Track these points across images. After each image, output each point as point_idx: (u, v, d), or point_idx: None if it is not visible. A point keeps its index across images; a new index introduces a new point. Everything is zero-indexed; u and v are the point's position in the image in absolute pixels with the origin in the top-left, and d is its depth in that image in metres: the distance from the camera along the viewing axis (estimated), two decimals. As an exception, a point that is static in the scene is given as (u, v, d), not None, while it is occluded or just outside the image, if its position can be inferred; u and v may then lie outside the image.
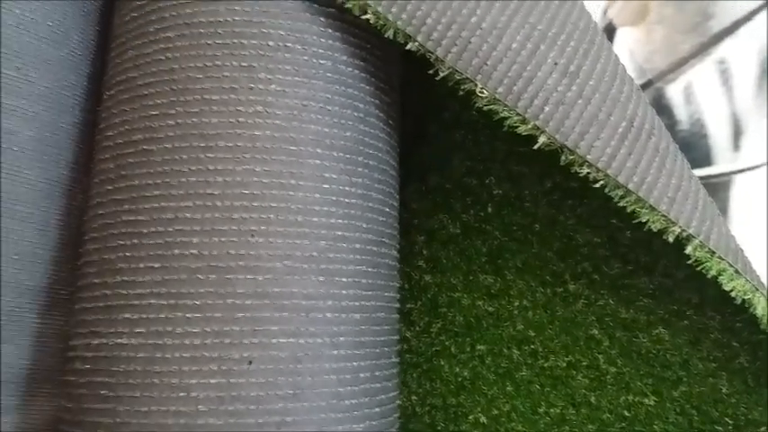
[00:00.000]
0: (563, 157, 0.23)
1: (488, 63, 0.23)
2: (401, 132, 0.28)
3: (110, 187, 0.23)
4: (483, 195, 0.34)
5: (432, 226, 0.34)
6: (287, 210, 0.23)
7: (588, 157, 0.23)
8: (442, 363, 0.34)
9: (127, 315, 0.22)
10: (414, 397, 0.34)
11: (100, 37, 0.27)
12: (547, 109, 0.23)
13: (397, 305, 0.27)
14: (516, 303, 0.33)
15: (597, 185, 0.23)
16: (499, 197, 0.34)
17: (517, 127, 0.23)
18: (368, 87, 0.26)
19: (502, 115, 0.23)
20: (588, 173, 0.23)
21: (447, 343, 0.34)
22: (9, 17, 0.24)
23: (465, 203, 0.34)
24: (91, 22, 0.27)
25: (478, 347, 0.33)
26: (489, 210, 0.34)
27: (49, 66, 0.25)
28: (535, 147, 0.23)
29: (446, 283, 0.34)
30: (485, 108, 0.23)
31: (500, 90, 0.23)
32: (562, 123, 0.23)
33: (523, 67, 0.23)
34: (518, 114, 0.23)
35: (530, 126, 0.23)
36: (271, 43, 0.23)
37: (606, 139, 0.23)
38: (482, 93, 0.23)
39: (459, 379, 0.33)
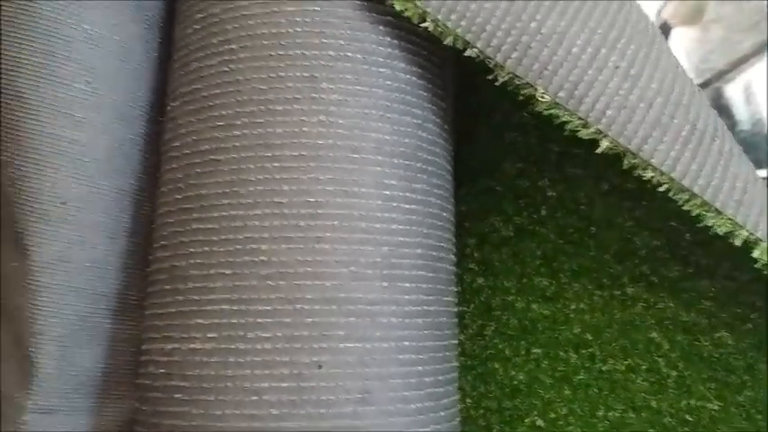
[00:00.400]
0: (625, 161, 0.23)
1: (549, 68, 0.23)
2: (455, 136, 0.29)
3: (179, 196, 0.24)
4: (536, 198, 0.34)
5: (483, 229, 0.35)
6: (350, 216, 0.23)
7: (652, 160, 0.23)
8: (497, 366, 0.34)
9: (199, 320, 0.22)
10: (468, 400, 0.34)
11: (161, 49, 0.28)
12: (609, 113, 0.23)
13: (456, 309, 0.27)
14: (573, 306, 0.33)
15: (661, 189, 0.23)
16: (553, 199, 0.33)
17: (578, 131, 0.23)
18: (425, 94, 0.26)
19: (563, 119, 0.23)
20: (652, 177, 0.23)
21: (501, 346, 0.34)
22: (79, 33, 0.25)
23: (518, 206, 0.34)
24: (153, 36, 0.27)
25: (534, 351, 0.33)
26: (543, 212, 0.34)
27: (117, 79, 0.26)
28: (598, 151, 0.23)
29: (499, 286, 0.34)
30: (545, 112, 0.23)
31: (561, 94, 0.23)
32: (625, 127, 0.23)
33: (584, 71, 0.23)
34: (580, 119, 0.23)
35: (592, 130, 0.23)
36: (332, 53, 0.24)
37: (670, 142, 0.23)
38: (543, 97, 0.23)
39: (515, 382, 0.33)
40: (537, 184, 0.34)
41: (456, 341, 0.27)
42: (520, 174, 0.34)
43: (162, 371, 0.23)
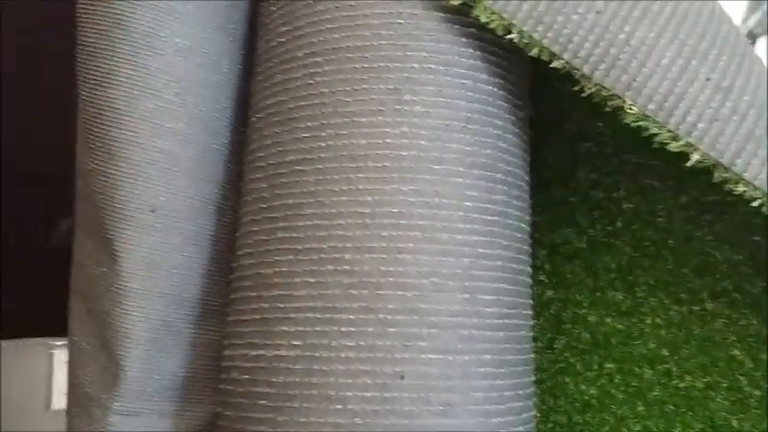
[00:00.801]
0: (716, 175, 0.22)
1: (638, 79, 0.23)
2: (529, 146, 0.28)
3: (264, 206, 0.25)
4: (611, 209, 0.33)
5: (554, 240, 0.34)
6: (432, 227, 0.23)
7: (745, 175, 0.22)
8: (567, 380, 0.33)
9: (284, 327, 0.23)
10: (536, 413, 0.33)
11: (245, 61, 0.28)
12: (700, 126, 0.22)
13: (532, 323, 0.27)
14: (648, 321, 0.32)
15: (755, 204, 0.22)
16: (629, 211, 0.33)
17: (668, 144, 0.23)
18: (505, 104, 0.26)
19: (651, 132, 0.23)
20: (744, 191, 0.22)
21: (572, 360, 0.33)
22: (169, 46, 0.26)
23: (591, 218, 0.34)
24: (237, 48, 0.28)
25: (606, 365, 0.33)
26: (618, 224, 0.33)
27: (204, 90, 0.27)
28: (688, 164, 0.22)
29: (571, 299, 0.34)
30: (633, 124, 0.23)
31: (650, 107, 0.23)
32: (717, 140, 0.22)
33: (674, 83, 0.22)
34: (669, 131, 0.22)
35: (682, 143, 0.22)
36: (415, 65, 0.24)
37: (764, 156, 0.22)
38: (631, 109, 0.23)
39: (586, 397, 0.33)
40: (612, 195, 0.33)
41: (533, 355, 0.26)
42: (594, 184, 0.34)
43: (246, 377, 0.23)
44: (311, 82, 0.25)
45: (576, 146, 0.34)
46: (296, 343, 0.22)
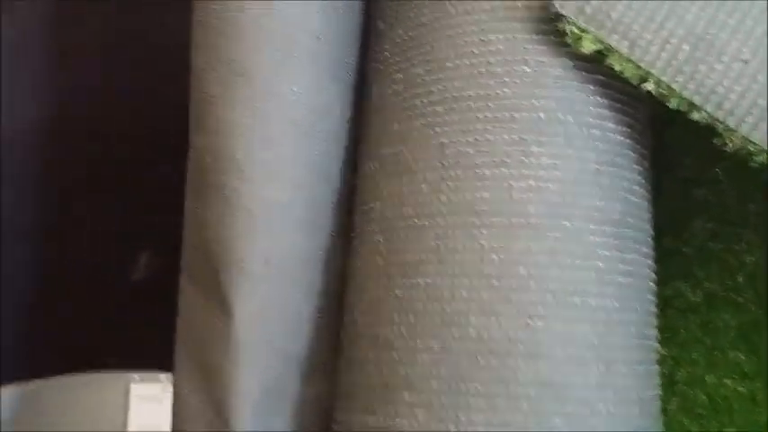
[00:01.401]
0: None
1: (793, 134, 0.21)
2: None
3: (380, 261, 0.23)
4: (731, 263, 0.31)
5: (666, 293, 0.32)
6: (564, 291, 0.21)
7: None
8: (681, 445, 0.31)
9: (406, 396, 0.21)
10: None
11: (354, 109, 0.28)
12: None
13: (660, 392, 0.25)
14: (776, 386, 0.30)
15: None
16: (752, 265, 0.31)
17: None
18: (633, 155, 0.24)
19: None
20: None
21: (686, 423, 0.31)
22: (289, 94, 0.25)
23: (709, 271, 0.31)
24: (349, 95, 0.27)
25: (727, 432, 0.30)
26: (739, 279, 0.31)
27: (318, 138, 0.26)
28: None
29: (686, 358, 0.31)
30: None
31: (808, 163, 0.21)
32: None
33: (835, 138, 0.21)
34: (829, 191, 0.20)
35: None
36: (542, 115, 0.23)
37: None
38: (784, 166, 0.21)
39: (704, 466, 0.30)
40: (733, 247, 0.31)
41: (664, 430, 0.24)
42: (712, 236, 0.31)
43: (363, 446, 0.22)
44: (431, 132, 0.23)
45: (689, 193, 0.32)
46: (419, 413, 0.21)
